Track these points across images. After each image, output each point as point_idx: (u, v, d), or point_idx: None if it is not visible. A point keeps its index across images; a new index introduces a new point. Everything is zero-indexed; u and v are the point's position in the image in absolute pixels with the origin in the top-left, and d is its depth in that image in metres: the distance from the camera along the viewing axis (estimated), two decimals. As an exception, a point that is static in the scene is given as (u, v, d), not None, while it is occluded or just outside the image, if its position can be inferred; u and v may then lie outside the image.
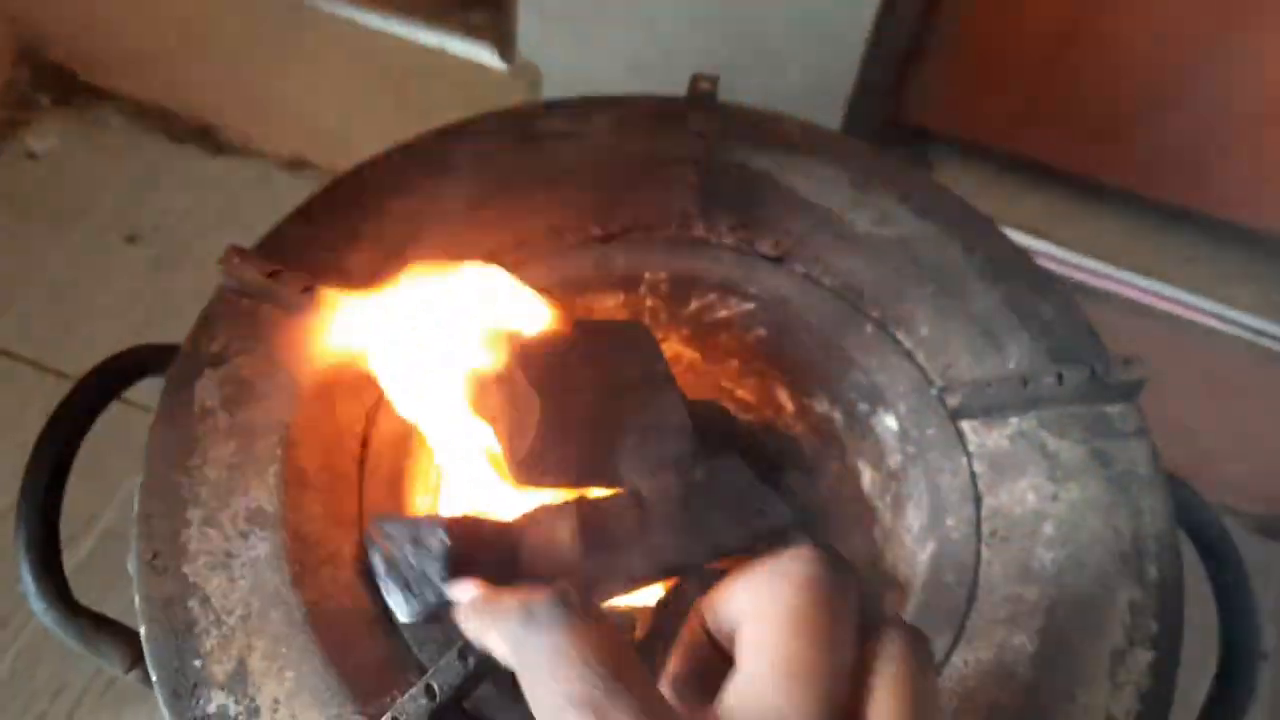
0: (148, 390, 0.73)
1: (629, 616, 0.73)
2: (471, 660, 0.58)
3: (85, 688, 1.09)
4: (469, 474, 0.65)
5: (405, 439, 0.69)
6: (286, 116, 1.41)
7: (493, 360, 0.62)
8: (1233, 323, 1.10)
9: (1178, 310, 1.13)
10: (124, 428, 1.08)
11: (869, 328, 0.75)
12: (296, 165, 1.44)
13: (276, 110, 1.40)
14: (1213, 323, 1.12)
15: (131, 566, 0.63)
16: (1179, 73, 1.03)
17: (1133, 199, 1.12)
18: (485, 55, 1.18)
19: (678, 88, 0.81)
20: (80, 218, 1.39)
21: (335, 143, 1.39)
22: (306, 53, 1.30)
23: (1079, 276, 1.14)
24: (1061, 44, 1.04)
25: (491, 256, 0.75)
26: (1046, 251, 1.13)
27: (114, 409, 0.82)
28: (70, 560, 0.70)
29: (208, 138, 1.47)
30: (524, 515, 0.62)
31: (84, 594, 0.68)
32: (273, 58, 1.33)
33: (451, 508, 0.71)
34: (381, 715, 0.57)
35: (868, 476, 0.79)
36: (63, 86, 1.48)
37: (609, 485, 0.75)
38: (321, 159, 1.42)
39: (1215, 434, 1.15)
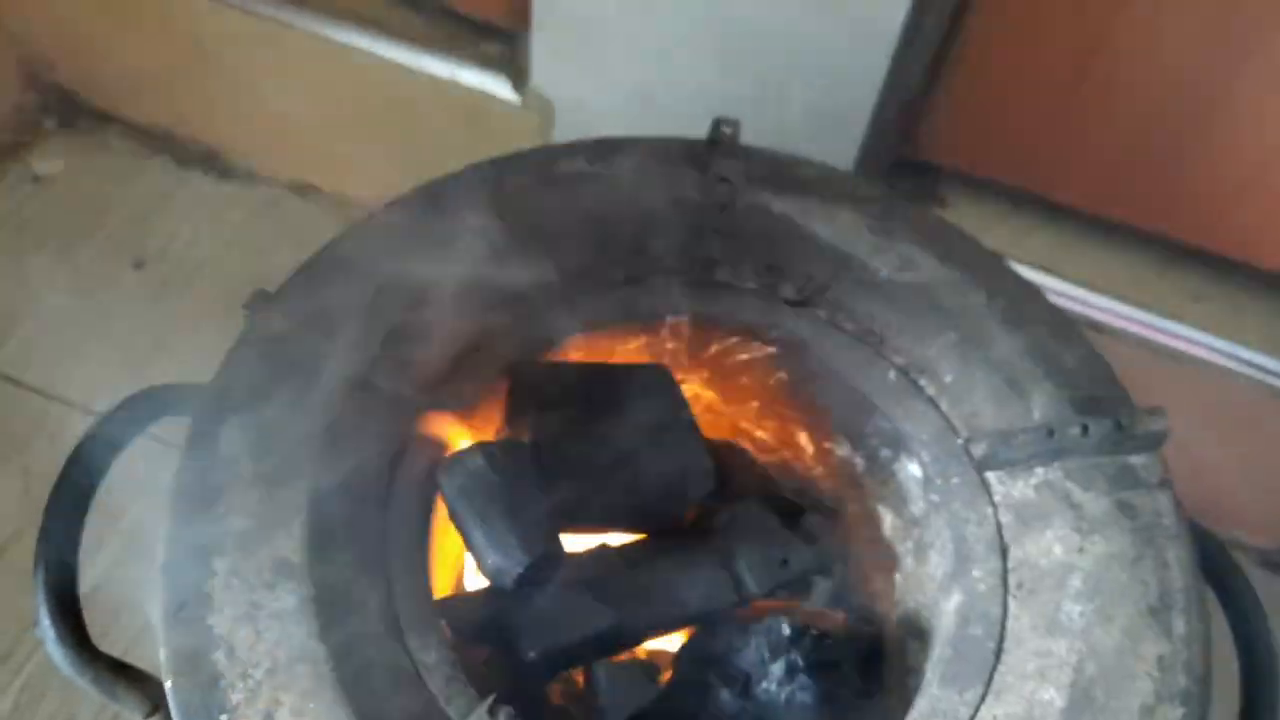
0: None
1: (651, 664, 0.72)
2: (502, 716, 0.57)
3: (91, 722, 1.08)
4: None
5: (430, 488, 0.69)
6: (294, 142, 1.40)
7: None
8: (1242, 361, 1.10)
9: (1187, 348, 1.13)
10: (128, 458, 1.08)
11: (891, 374, 0.75)
12: (304, 189, 1.43)
13: (284, 135, 1.40)
14: (1222, 360, 1.12)
15: (156, 617, 0.62)
16: (1191, 113, 1.04)
17: (1143, 236, 1.13)
18: (497, 86, 1.18)
19: (691, 122, 0.81)
20: (86, 242, 1.38)
21: (343, 168, 1.39)
22: (314, 79, 1.30)
23: (1088, 313, 1.14)
24: (1074, 83, 1.05)
25: (514, 299, 0.75)
26: (1055, 288, 1.13)
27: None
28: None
29: (215, 162, 1.46)
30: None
31: (89, 626, 0.68)
32: (280, 84, 1.33)
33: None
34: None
35: (889, 521, 0.79)
36: (67, 110, 1.47)
37: (630, 530, 0.75)
38: (329, 184, 1.41)
39: (1222, 470, 1.15)
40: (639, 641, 0.73)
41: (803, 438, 0.84)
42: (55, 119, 1.47)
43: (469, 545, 0.68)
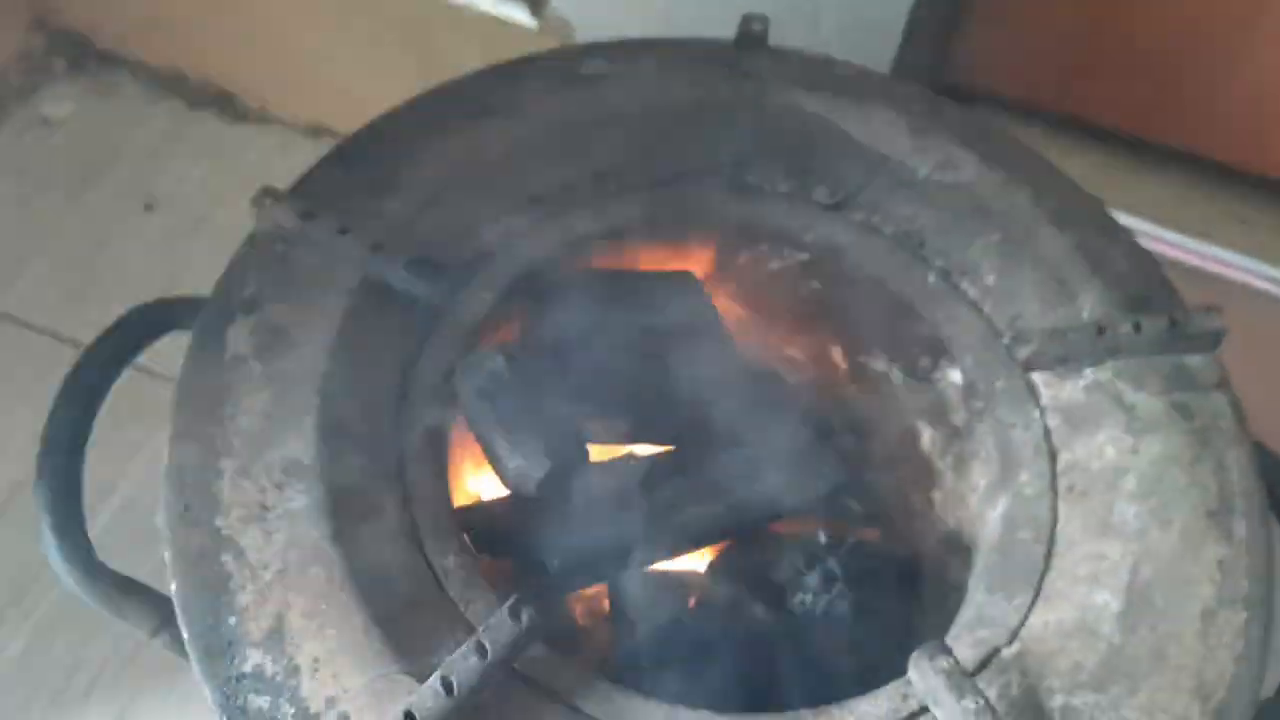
0: (166, 358, 0.69)
1: (680, 578, 0.69)
2: (525, 617, 0.54)
3: (104, 662, 1.06)
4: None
5: (447, 390, 0.65)
6: (306, 81, 1.37)
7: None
8: (1284, 284, 1.07)
9: (1229, 271, 1.09)
10: (140, 397, 1.05)
11: (931, 277, 0.72)
12: (317, 131, 1.40)
13: (296, 75, 1.37)
14: (1264, 285, 1.08)
15: (161, 520, 0.59)
16: (1233, 30, 1.00)
17: (1185, 158, 1.08)
18: (514, 11, 1.14)
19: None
20: (96, 185, 1.35)
21: (357, 107, 1.35)
22: (326, 13, 1.26)
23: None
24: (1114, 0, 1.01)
25: (533, 203, 0.72)
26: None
27: (130, 377, 0.78)
28: (89, 530, 0.67)
29: (226, 104, 1.43)
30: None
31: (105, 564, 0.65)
32: (292, 20, 1.30)
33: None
34: (429, 675, 0.53)
35: (927, 436, 0.76)
36: (77, 52, 1.44)
37: (660, 442, 0.72)
38: (342, 124, 1.37)
39: (1266, 394, 1.11)
40: (667, 556, 0.69)
41: (836, 353, 0.80)
42: (64, 61, 1.44)
43: (487, 451, 0.65)
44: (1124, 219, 1.08)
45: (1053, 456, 0.65)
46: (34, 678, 1.04)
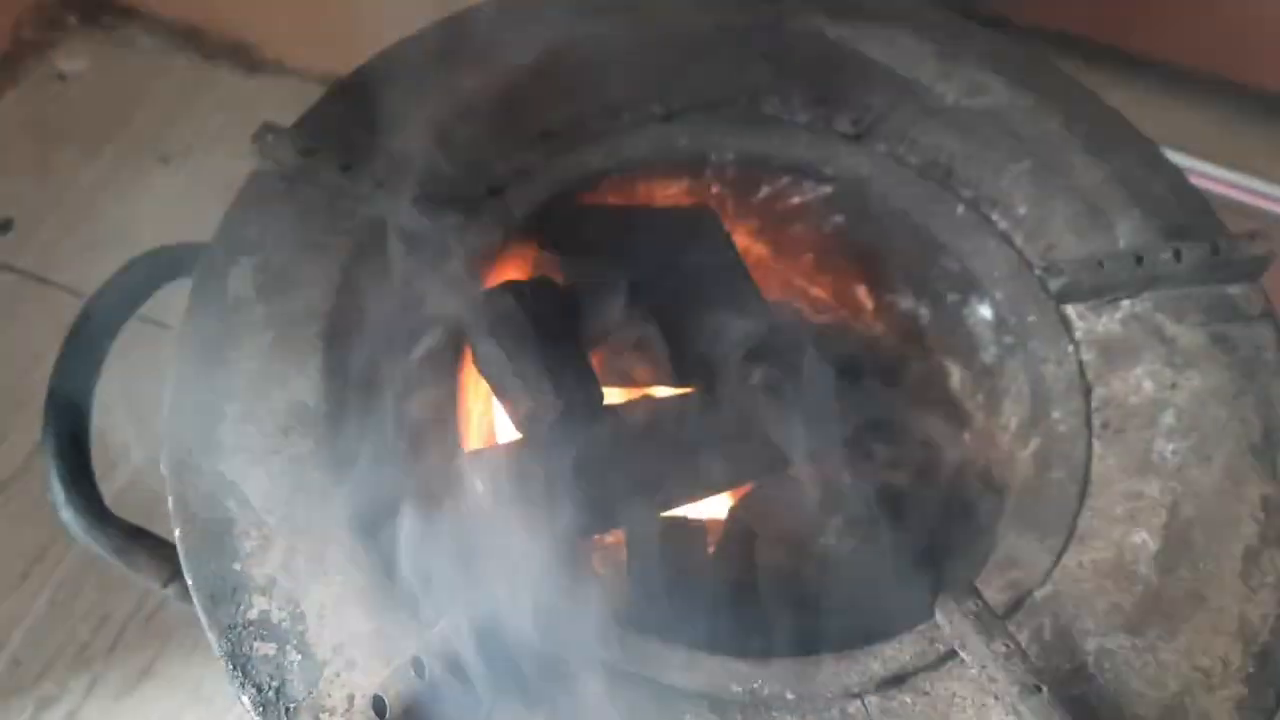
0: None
1: (700, 526, 0.67)
2: (535, 561, 0.52)
3: (128, 617, 1.06)
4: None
5: (457, 331, 0.63)
6: (322, 31, 1.34)
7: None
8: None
9: (1271, 205, 1.05)
10: (158, 353, 1.04)
11: (960, 209, 0.69)
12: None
13: (312, 25, 1.34)
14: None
15: (164, 466, 0.58)
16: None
17: (1227, 88, 1.04)
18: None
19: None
20: (111, 139, 1.34)
21: (373, 57, 1.33)
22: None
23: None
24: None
25: (544, 136, 0.69)
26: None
27: (148, 333, 0.77)
28: (107, 489, 0.66)
29: (241, 56, 1.41)
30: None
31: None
32: (307, -33, 1.27)
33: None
34: (437, 623, 0.51)
35: (956, 376, 0.73)
36: (91, 6, 1.42)
37: (680, 384, 0.70)
38: (359, 75, 1.35)
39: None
40: (685, 500, 0.67)
41: (861, 292, 0.77)
42: (78, 15, 1.42)
43: (498, 392, 0.63)
44: (1167, 153, 1.04)
45: (1087, 392, 0.62)
46: (59, 633, 1.04)
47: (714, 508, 0.71)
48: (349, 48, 1.34)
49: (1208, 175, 1.03)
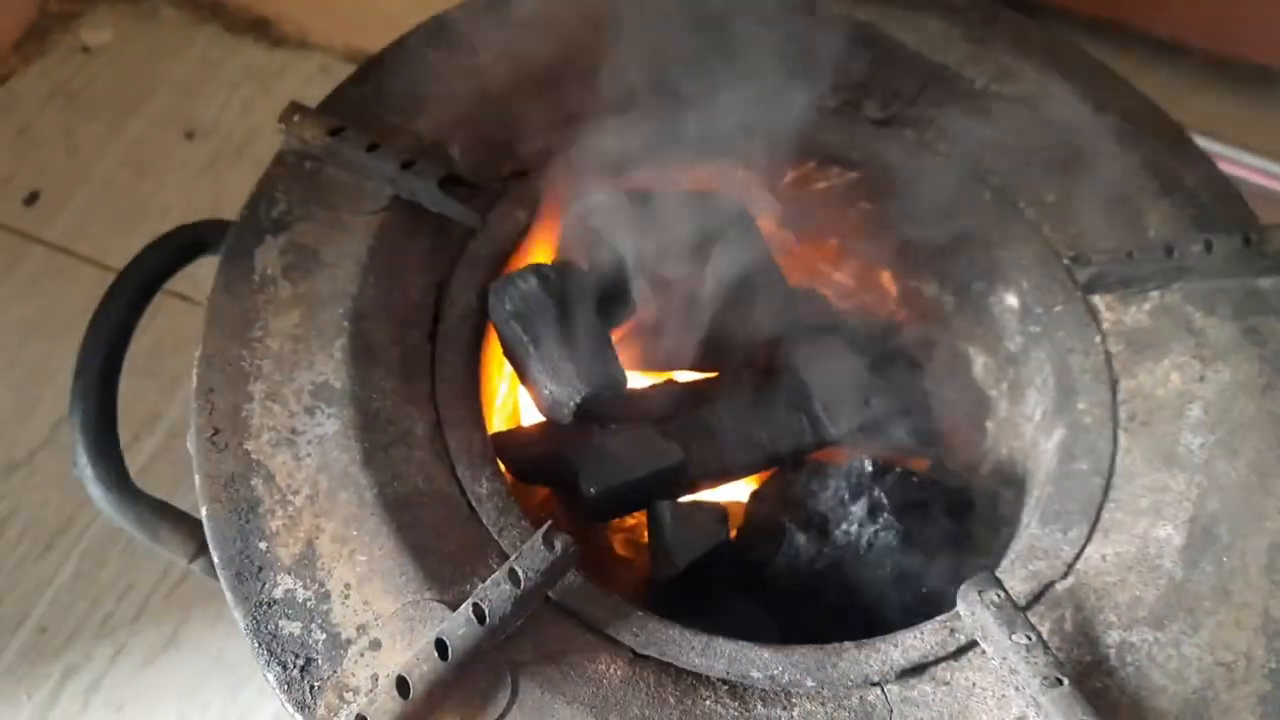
0: (209, 289, 0.68)
1: (721, 510, 0.67)
2: (558, 545, 0.52)
3: (153, 587, 1.07)
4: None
5: (481, 313, 0.63)
6: (345, 5, 1.34)
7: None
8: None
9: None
10: (184, 325, 1.04)
11: (987, 196, 0.68)
12: (356, 56, 1.37)
13: (333, 0, 1.34)
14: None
15: (191, 444, 0.58)
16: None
17: (1262, 75, 1.02)
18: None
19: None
20: (136, 113, 1.34)
21: (397, 32, 1.33)
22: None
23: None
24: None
25: (569, 121, 0.69)
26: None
27: (174, 306, 0.77)
28: (134, 461, 0.66)
29: (265, 30, 1.41)
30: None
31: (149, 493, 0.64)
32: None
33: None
34: (461, 602, 0.51)
35: (980, 363, 0.73)
36: (116, -22, 1.43)
37: (704, 369, 0.70)
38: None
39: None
40: (707, 484, 0.67)
41: (886, 277, 0.77)
42: (103, -12, 1.42)
43: (522, 375, 0.63)
44: (1198, 140, 1.03)
45: (1113, 384, 0.61)
46: (86, 602, 1.06)
47: (736, 492, 0.71)
48: (370, 23, 1.34)
49: (1240, 162, 1.02)
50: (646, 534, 0.70)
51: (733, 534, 0.69)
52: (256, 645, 0.52)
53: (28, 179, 1.28)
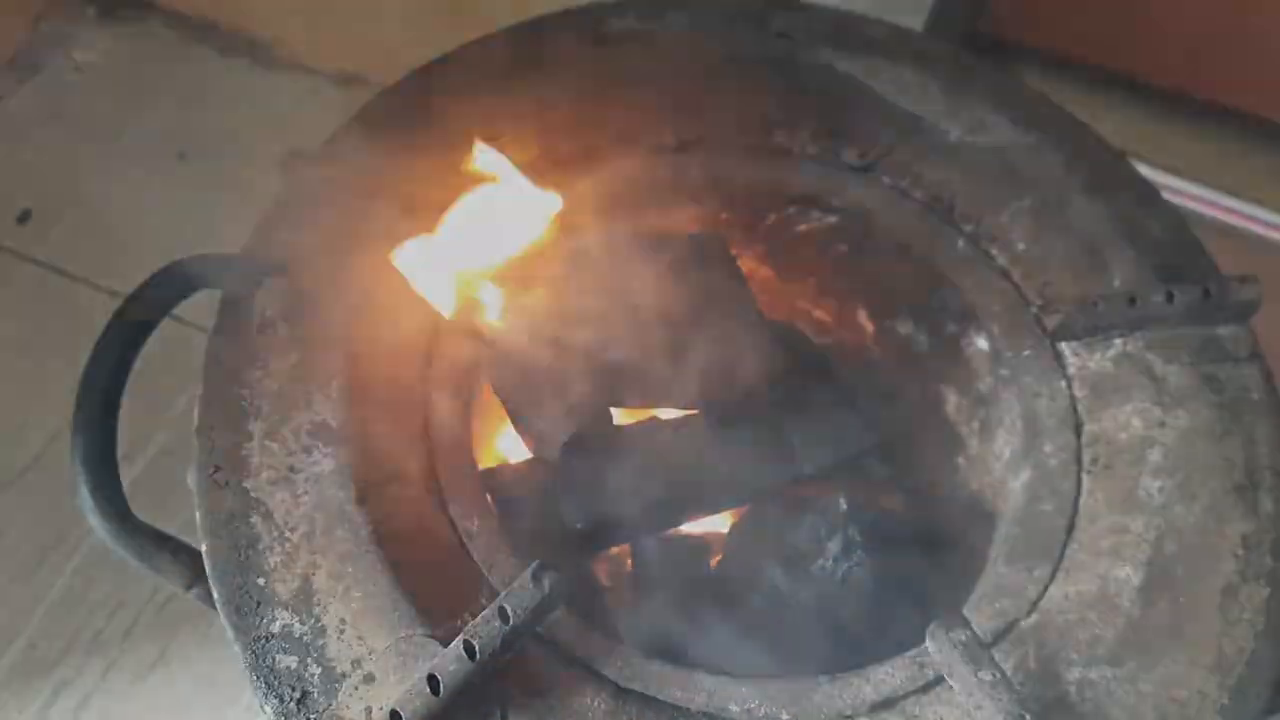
0: (199, 308, 0.70)
1: (701, 540, 0.69)
2: (546, 583, 0.55)
3: (143, 605, 1.08)
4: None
5: (473, 355, 0.66)
6: (338, 29, 1.36)
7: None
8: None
9: (1268, 232, 1.07)
10: (175, 346, 1.05)
11: (961, 243, 0.71)
12: (348, 80, 1.40)
13: (328, 23, 1.36)
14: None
15: (192, 481, 0.60)
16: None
17: (1225, 116, 1.06)
18: (545, -40, 1.13)
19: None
20: (129, 133, 1.35)
21: (388, 56, 1.34)
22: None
23: (1168, 197, 1.08)
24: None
25: (559, 165, 0.71)
26: (1133, 172, 1.07)
27: (165, 326, 0.78)
28: (124, 478, 0.68)
29: (257, 52, 1.42)
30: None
31: (139, 512, 0.66)
32: (324, -33, 1.29)
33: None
34: (453, 638, 0.54)
35: (952, 402, 0.75)
36: (109, -1, 1.44)
37: (682, 406, 0.72)
38: (374, 73, 1.37)
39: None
40: (689, 518, 0.70)
41: (863, 316, 0.80)
42: (96, 8, 1.44)
43: (511, 414, 0.65)
44: (1161, 176, 1.07)
45: (1078, 428, 0.64)
46: (76, 619, 1.07)
47: (716, 525, 0.73)
48: (363, 47, 1.36)
49: (1202, 199, 1.05)
50: (630, 564, 0.72)
51: (714, 564, 0.72)
52: (255, 678, 0.54)
53: (19, 197, 1.30)
